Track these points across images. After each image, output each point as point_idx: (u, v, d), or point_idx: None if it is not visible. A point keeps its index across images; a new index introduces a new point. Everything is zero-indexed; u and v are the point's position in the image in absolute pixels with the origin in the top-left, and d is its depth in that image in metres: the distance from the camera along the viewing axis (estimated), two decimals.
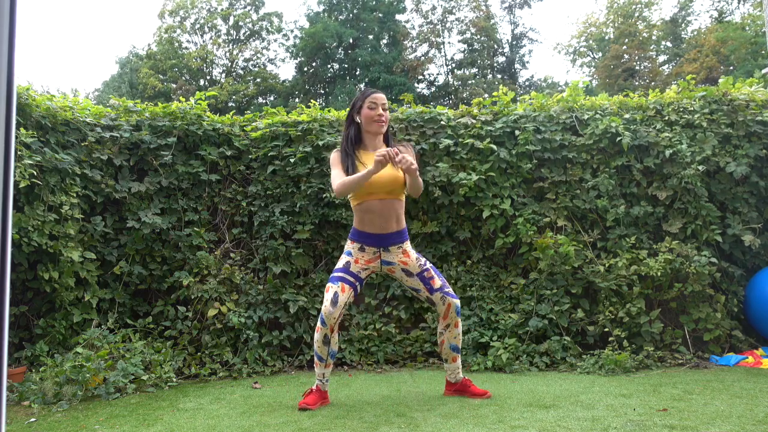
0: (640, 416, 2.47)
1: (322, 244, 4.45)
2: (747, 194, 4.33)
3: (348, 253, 2.92)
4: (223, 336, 4.09)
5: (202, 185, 4.43)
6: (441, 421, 2.48)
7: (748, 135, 4.36)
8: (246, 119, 4.77)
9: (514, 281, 4.32)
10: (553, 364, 3.89)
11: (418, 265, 2.91)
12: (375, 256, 2.90)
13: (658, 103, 4.55)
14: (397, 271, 2.93)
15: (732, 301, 4.16)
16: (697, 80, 4.93)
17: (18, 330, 3.81)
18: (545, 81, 31.55)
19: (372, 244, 2.88)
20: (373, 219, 2.84)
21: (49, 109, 3.96)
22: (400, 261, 2.90)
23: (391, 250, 2.90)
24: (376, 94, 2.90)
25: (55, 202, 3.74)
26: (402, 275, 2.93)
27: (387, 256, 2.90)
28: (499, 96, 4.71)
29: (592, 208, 4.34)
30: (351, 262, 2.88)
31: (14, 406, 3.06)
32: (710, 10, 31.63)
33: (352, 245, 2.93)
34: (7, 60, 0.75)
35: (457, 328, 2.96)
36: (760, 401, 2.72)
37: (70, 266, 3.76)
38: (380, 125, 2.88)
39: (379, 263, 2.91)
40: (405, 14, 31.63)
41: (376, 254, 2.90)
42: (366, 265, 2.89)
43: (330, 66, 30.36)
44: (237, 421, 2.62)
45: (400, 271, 2.92)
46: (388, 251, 2.90)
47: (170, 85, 28.79)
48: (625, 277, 4.07)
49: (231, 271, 4.20)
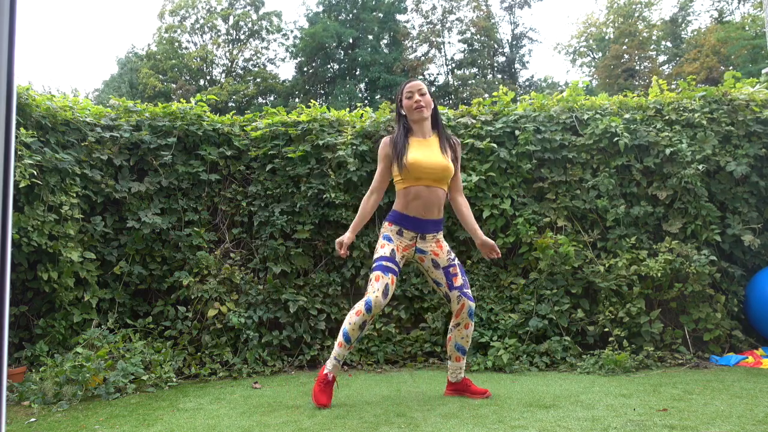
0: (640, 416, 2.47)
1: (322, 244, 4.45)
2: (747, 194, 4.33)
3: (388, 238, 2.89)
4: (223, 336, 4.09)
5: (202, 185, 4.43)
6: (441, 421, 2.48)
7: (748, 135, 4.36)
8: (246, 119, 4.77)
9: (514, 281, 4.32)
10: (553, 364, 3.89)
11: (447, 259, 2.93)
12: (411, 243, 2.90)
13: (658, 102, 4.55)
14: (426, 260, 2.93)
15: (732, 301, 4.16)
16: (697, 80, 4.93)
17: (18, 330, 3.81)
18: (545, 81, 31.55)
19: (411, 228, 2.88)
20: (418, 204, 2.87)
21: (49, 109, 3.96)
22: (433, 251, 2.92)
23: (427, 239, 2.91)
24: (411, 82, 2.95)
25: (55, 202, 3.74)
26: (430, 266, 2.93)
27: (422, 245, 2.91)
28: (499, 96, 4.71)
29: (592, 208, 4.34)
30: (395, 251, 2.86)
31: (14, 406, 3.06)
32: (710, 10, 31.66)
33: (390, 227, 2.91)
34: (7, 60, 0.75)
35: (467, 330, 2.96)
36: (760, 401, 2.72)
37: (69, 266, 3.76)
38: (420, 111, 2.91)
39: (413, 251, 2.92)
40: (405, 14, 31.66)
41: (412, 240, 2.90)
42: (403, 252, 2.90)
43: (330, 66, 30.36)
44: (237, 421, 2.62)
45: (429, 261, 2.93)
46: (423, 239, 2.91)
47: (170, 85, 28.79)
48: (625, 277, 4.07)
49: (231, 271, 4.20)
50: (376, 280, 2.80)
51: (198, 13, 30.72)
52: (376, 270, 2.82)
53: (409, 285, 4.35)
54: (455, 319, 2.96)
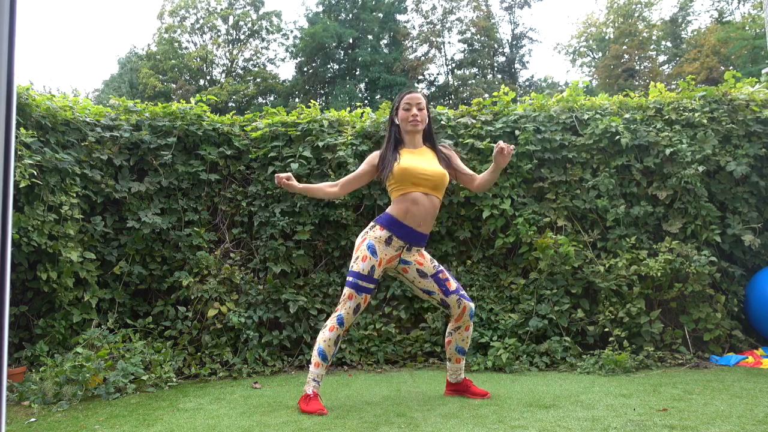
0: (640, 416, 2.47)
1: (322, 245, 4.45)
2: (747, 194, 4.33)
3: (372, 249, 2.82)
4: (223, 336, 4.09)
5: (202, 185, 4.44)
6: (441, 421, 2.48)
7: (748, 134, 4.36)
8: (246, 119, 4.77)
9: (514, 281, 4.32)
10: (553, 364, 3.89)
11: (433, 267, 2.90)
12: (397, 254, 2.86)
13: (658, 102, 4.55)
14: (411, 270, 2.89)
15: (732, 301, 4.16)
16: (697, 80, 4.93)
17: (18, 330, 3.81)
18: (545, 81, 31.55)
19: (401, 237, 2.83)
20: (416, 212, 2.81)
21: (49, 109, 3.96)
22: (417, 261, 2.89)
23: (412, 250, 2.89)
24: (411, 94, 2.91)
25: (55, 202, 3.73)
26: (416, 276, 2.89)
27: (406, 255, 2.88)
28: (499, 96, 4.71)
29: (592, 208, 4.34)
30: (375, 267, 2.81)
31: (14, 406, 3.06)
32: (710, 10, 31.66)
33: (380, 233, 2.84)
34: (7, 60, 0.75)
35: (468, 331, 2.96)
36: (760, 401, 2.72)
37: (69, 266, 3.76)
38: (414, 125, 2.89)
39: (396, 262, 2.88)
40: (405, 14, 31.66)
41: (398, 251, 2.86)
42: (386, 265, 2.86)
43: (330, 66, 30.36)
44: (237, 421, 2.62)
45: (414, 272, 2.89)
46: (408, 251, 2.88)
47: (170, 85, 28.79)
48: (625, 277, 4.07)
49: (231, 271, 4.20)
50: (349, 298, 2.80)
51: (198, 13, 30.73)
52: (350, 287, 2.80)
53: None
54: (455, 322, 2.94)
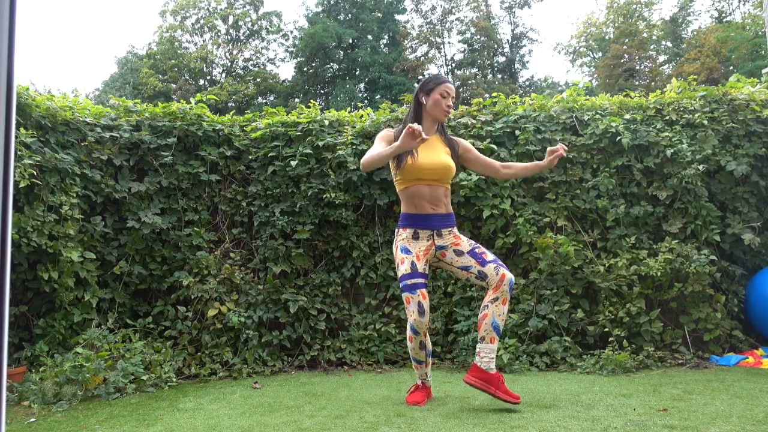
0: (640, 416, 2.47)
1: (322, 244, 4.45)
2: (747, 194, 4.32)
3: (405, 250, 2.80)
4: (223, 336, 4.09)
5: (202, 185, 4.44)
6: (441, 421, 2.48)
7: (748, 134, 4.36)
8: (246, 119, 4.77)
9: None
10: (553, 364, 3.89)
11: (469, 245, 2.85)
12: (430, 243, 2.83)
13: (658, 102, 4.54)
14: (449, 253, 2.84)
15: (732, 301, 4.16)
16: (698, 80, 4.93)
17: (18, 330, 3.81)
18: (545, 81, 31.55)
19: (423, 227, 2.83)
20: (422, 202, 2.83)
21: (49, 109, 3.96)
22: (452, 243, 2.85)
23: (443, 234, 2.85)
24: (449, 84, 2.93)
25: (55, 202, 3.73)
26: (453, 257, 2.83)
27: (440, 241, 2.85)
28: (499, 96, 4.71)
29: (592, 208, 4.34)
30: (415, 261, 2.78)
31: (14, 406, 3.06)
32: (710, 10, 31.65)
33: (405, 233, 2.83)
34: (7, 60, 0.75)
35: (505, 306, 2.76)
36: (760, 401, 2.72)
37: (69, 266, 3.76)
38: (446, 114, 2.92)
39: (433, 251, 2.85)
40: (404, 15, 31.66)
41: (430, 240, 2.83)
42: (425, 256, 2.82)
43: (330, 66, 30.37)
44: (237, 421, 2.62)
45: (451, 253, 2.83)
46: (440, 236, 2.85)
47: (170, 85, 28.79)
48: (625, 277, 4.07)
49: (231, 271, 4.20)
50: (407, 302, 2.75)
51: (198, 13, 30.73)
52: (404, 292, 2.77)
53: None
54: (493, 292, 2.76)
